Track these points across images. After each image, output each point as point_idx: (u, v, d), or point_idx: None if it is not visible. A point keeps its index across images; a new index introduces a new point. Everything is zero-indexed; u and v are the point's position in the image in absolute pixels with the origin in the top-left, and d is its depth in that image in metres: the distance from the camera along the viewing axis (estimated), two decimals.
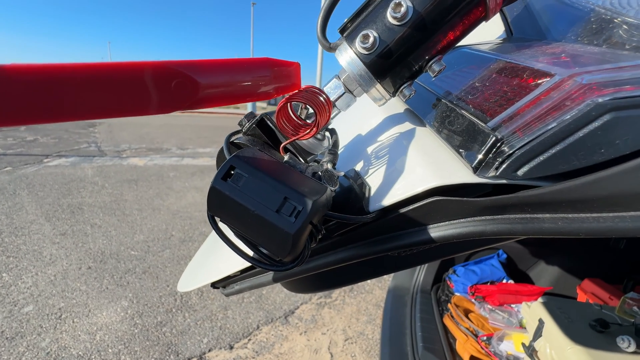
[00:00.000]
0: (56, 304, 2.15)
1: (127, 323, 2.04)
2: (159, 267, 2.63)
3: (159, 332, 1.99)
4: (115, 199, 3.98)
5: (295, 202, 0.27)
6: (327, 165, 0.37)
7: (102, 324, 2.02)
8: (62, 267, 2.53)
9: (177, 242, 3.04)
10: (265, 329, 2.10)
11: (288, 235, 0.26)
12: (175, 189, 4.47)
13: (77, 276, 2.45)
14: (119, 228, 3.23)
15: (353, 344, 2.02)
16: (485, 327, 1.23)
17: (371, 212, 0.38)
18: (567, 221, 0.25)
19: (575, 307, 0.92)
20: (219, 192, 0.28)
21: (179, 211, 3.72)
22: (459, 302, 1.38)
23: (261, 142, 0.40)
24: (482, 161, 0.29)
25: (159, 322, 2.07)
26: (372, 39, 0.33)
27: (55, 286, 2.32)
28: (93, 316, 2.08)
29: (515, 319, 1.25)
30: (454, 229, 0.34)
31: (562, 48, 0.33)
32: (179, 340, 1.94)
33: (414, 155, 0.38)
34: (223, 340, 1.98)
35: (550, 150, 0.25)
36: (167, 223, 3.40)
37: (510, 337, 1.09)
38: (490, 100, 0.32)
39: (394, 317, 1.38)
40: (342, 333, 2.11)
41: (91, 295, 2.26)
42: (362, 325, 2.18)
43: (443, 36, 0.33)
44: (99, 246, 2.87)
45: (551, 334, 0.84)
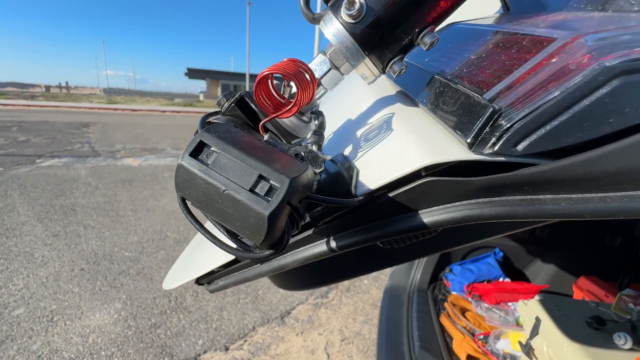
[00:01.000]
0: (48, 307, 2.11)
1: (121, 325, 2.01)
2: (153, 269, 2.60)
3: (153, 334, 1.96)
4: (109, 199, 3.93)
5: (271, 180, 0.24)
6: (312, 146, 0.34)
7: (95, 326, 1.98)
8: (54, 269, 2.49)
9: (172, 242, 3.01)
10: (261, 330, 2.08)
11: (262, 216, 0.23)
12: (170, 190, 4.43)
13: (70, 278, 2.41)
14: (113, 229, 3.19)
15: (350, 344, 2.01)
16: (482, 326, 1.23)
17: (359, 196, 0.35)
18: (571, 202, 0.23)
19: (571, 305, 0.92)
20: (187, 170, 0.25)
21: (173, 212, 3.68)
22: (456, 301, 1.37)
23: (241, 122, 0.37)
24: (478, 135, 0.27)
25: (153, 323, 2.04)
26: (358, 5, 0.31)
27: (47, 288, 2.28)
28: (86, 318, 2.04)
29: (512, 317, 1.24)
30: (449, 212, 0.32)
31: (564, 16, 0.31)
32: (173, 342, 1.92)
33: (405, 135, 0.36)
34: (218, 342, 1.96)
35: (553, 121, 0.23)
36: (161, 224, 3.37)
37: (507, 336, 1.08)
38: (486, 73, 0.30)
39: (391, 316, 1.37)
40: (339, 333, 2.10)
41: (84, 297, 2.22)
42: (359, 325, 2.17)
43: (435, 2, 0.31)
44: (92, 247, 2.83)
45: (548, 332, 0.84)
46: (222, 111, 0.38)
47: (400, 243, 0.39)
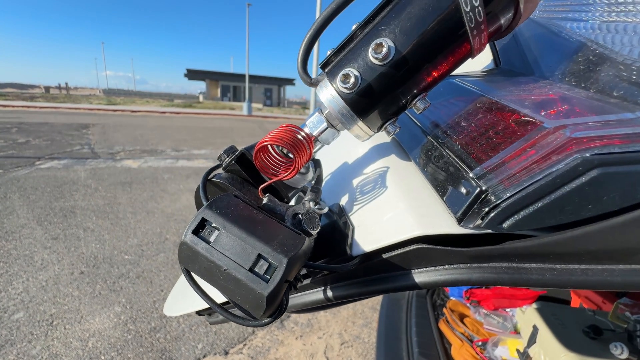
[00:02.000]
0: (47, 311, 2.12)
1: (120, 329, 2.01)
2: (153, 272, 2.60)
3: (153, 338, 1.97)
4: (108, 202, 3.94)
5: (270, 259, 0.26)
6: (309, 204, 0.36)
7: (95, 331, 1.99)
8: (54, 272, 2.49)
9: (172, 245, 3.01)
10: (261, 334, 2.08)
11: (261, 296, 0.25)
12: (170, 192, 4.44)
13: (69, 281, 2.41)
14: (113, 232, 3.19)
15: (349, 347, 2.02)
16: (481, 332, 1.23)
17: (354, 258, 0.37)
18: (555, 273, 0.25)
19: (568, 313, 0.92)
20: (190, 247, 0.27)
21: (173, 214, 3.69)
22: (454, 307, 1.38)
23: (240, 179, 0.39)
24: (466, 212, 0.29)
25: (152, 327, 2.04)
26: (354, 78, 0.32)
27: (46, 292, 2.28)
28: (85, 322, 2.05)
29: (510, 323, 1.25)
30: (439, 275, 0.34)
31: (550, 89, 0.32)
32: (173, 346, 1.92)
33: (398, 197, 0.37)
34: (218, 346, 1.96)
35: (537, 203, 0.24)
36: (161, 226, 3.37)
37: (505, 343, 1.09)
38: (475, 143, 0.31)
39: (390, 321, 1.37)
40: (339, 337, 2.10)
41: (83, 301, 2.23)
42: (358, 329, 2.18)
43: (427, 75, 0.32)
44: (91, 250, 2.83)
45: (545, 341, 0.85)
46: (222, 166, 0.39)
47: None
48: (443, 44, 0.30)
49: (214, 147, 8.01)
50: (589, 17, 0.34)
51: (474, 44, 0.30)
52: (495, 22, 0.30)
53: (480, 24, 0.28)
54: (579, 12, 0.35)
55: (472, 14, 0.27)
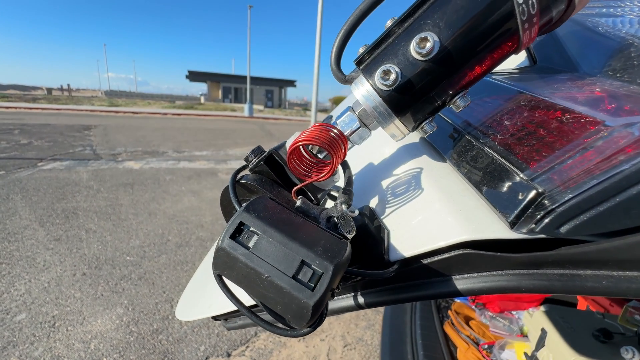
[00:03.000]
0: (50, 312, 2.11)
1: (123, 331, 2.00)
2: (155, 273, 2.59)
3: (155, 339, 1.96)
4: (110, 203, 3.94)
5: (314, 266, 0.24)
6: (342, 207, 0.34)
7: (97, 332, 1.98)
8: (56, 274, 2.49)
9: (174, 247, 3.01)
10: (264, 336, 2.07)
11: (307, 305, 0.23)
12: (172, 193, 4.44)
13: (72, 283, 2.41)
14: (115, 233, 3.19)
15: (352, 350, 2.01)
16: (487, 335, 1.22)
17: (392, 263, 0.35)
18: (613, 280, 0.23)
19: (577, 316, 0.91)
20: (228, 253, 0.25)
21: (175, 215, 3.68)
22: (460, 309, 1.37)
23: (270, 181, 0.38)
24: (520, 216, 0.26)
25: (155, 329, 2.03)
26: (394, 75, 0.30)
27: (48, 293, 2.28)
28: (87, 324, 2.04)
29: (516, 326, 1.24)
30: (484, 282, 0.32)
31: (601, 86, 0.30)
32: (175, 348, 1.91)
33: (438, 200, 0.35)
34: (220, 348, 1.95)
35: (599, 207, 0.22)
36: (163, 228, 3.36)
37: (512, 346, 1.08)
38: (523, 144, 0.29)
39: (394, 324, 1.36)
40: (341, 339, 2.09)
41: (86, 303, 2.22)
42: (361, 331, 2.17)
43: (470, 71, 0.31)
44: (93, 252, 2.83)
45: (554, 344, 0.83)
46: (250, 167, 0.38)
47: None
48: (490, 38, 0.28)
49: (215, 148, 8.02)
50: (625, 12, 0.33)
51: (523, 38, 0.28)
52: (547, 15, 0.29)
53: (532, 17, 0.26)
54: (614, 8, 0.34)
55: (525, 6, 0.26)
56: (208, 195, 4.44)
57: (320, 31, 8.92)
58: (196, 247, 3.03)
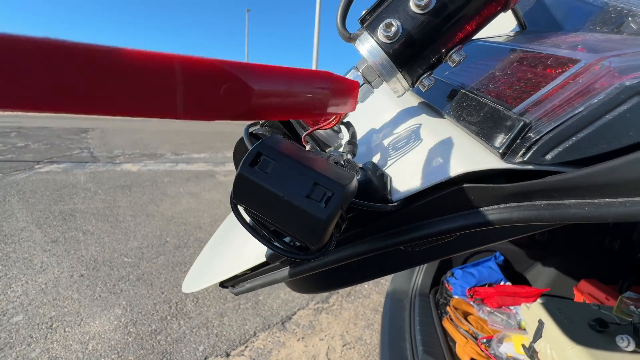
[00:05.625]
0: (47, 313, 2.10)
1: (121, 331, 1.99)
2: (153, 274, 2.59)
3: (154, 340, 1.95)
4: (108, 205, 3.92)
5: (325, 187, 0.26)
6: (347, 155, 0.37)
7: (95, 333, 1.97)
8: (54, 275, 2.48)
9: (172, 248, 3.00)
10: (262, 336, 2.07)
11: (319, 220, 0.26)
12: (170, 195, 4.43)
13: (69, 284, 2.39)
14: (112, 234, 3.17)
15: (351, 349, 2.00)
16: (485, 330, 1.23)
17: (395, 201, 0.37)
18: (594, 206, 0.25)
19: (574, 308, 0.93)
20: (247, 178, 0.27)
21: (173, 217, 3.67)
22: (458, 305, 1.38)
23: (280, 133, 0.40)
24: (510, 146, 0.29)
25: (153, 330, 2.03)
26: (395, 27, 0.33)
27: (46, 295, 2.26)
28: (85, 325, 2.03)
29: (514, 320, 1.25)
30: (480, 218, 0.34)
31: (582, 37, 0.34)
32: (174, 349, 1.90)
33: (435, 144, 0.38)
34: (219, 348, 1.95)
35: (579, 134, 0.25)
36: (161, 229, 3.36)
37: (510, 339, 1.09)
38: (513, 88, 0.32)
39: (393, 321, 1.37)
40: (340, 338, 2.09)
41: (83, 304, 2.21)
42: (360, 330, 2.17)
43: (465, 24, 0.33)
44: (91, 253, 2.82)
45: (551, 335, 0.85)
46: (260, 122, 0.40)
47: (421, 246, 0.41)
48: None
49: (213, 150, 8.01)
50: None
51: None
52: None
53: None
54: None
55: None
56: (206, 197, 4.43)
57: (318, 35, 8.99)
58: (195, 248, 3.02)
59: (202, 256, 0.78)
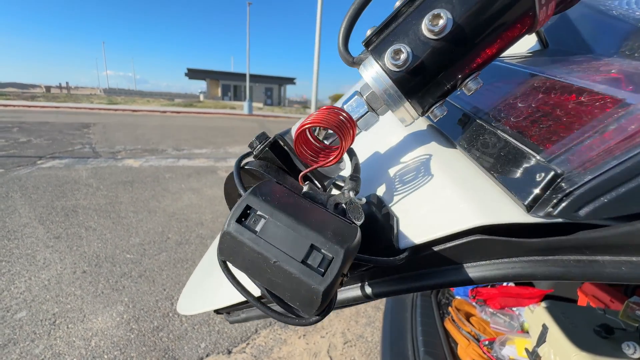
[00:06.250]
0: (50, 310, 2.11)
1: (123, 328, 2.00)
2: (155, 271, 2.59)
3: (156, 337, 1.96)
4: (110, 201, 3.93)
5: (324, 251, 0.23)
6: (350, 194, 0.33)
7: (98, 330, 1.98)
8: (56, 272, 2.49)
9: (174, 244, 3.01)
10: (264, 333, 2.07)
11: (317, 291, 0.22)
12: (171, 191, 4.43)
13: (72, 280, 2.41)
14: (114, 231, 3.18)
15: (352, 347, 2.01)
16: (487, 331, 1.22)
17: (402, 251, 0.33)
18: (632, 266, 0.22)
19: (578, 312, 0.91)
20: (234, 237, 0.24)
21: (175, 213, 3.68)
22: (460, 306, 1.37)
23: (275, 167, 0.37)
24: (537, 199, 0.25)
25: (155, 327, 2.04)
26: (405, 54, 0.29)
27: (49, 291, 2.28)
28: (88, 321, 2.04)
29: (517, 322, 1.24)
30: (499, 270, 0.30)
31: (619, 65, 0.30)
32: (176, 346, 1.91)
33: (448, 184, 0.34)
34: (221, 345, 1.96)
35: (620, 188, 0.22)
36: (163, 225, 3.36)
37: (513, 342, 1.08)
38: (539, 126, 0.28)
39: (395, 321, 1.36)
40: (342, 336, 2.09)
41: (86, 300, 2.22)
42: (361, 328, 2.17)
43: (483, 50, 0.29)
44: (93, 249, 2.83)
45: (556, 340, 0.83)
46: (254, 154, 0.37)
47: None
48: (506, 15, 0.27)
49: (214, 146, 8.00)
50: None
51: (539, 15, 0.27)
52: None
53: None
54: None
55: None
56: (208, 193, 4.43)
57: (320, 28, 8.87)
58: (196, 245, 3.03)
59: (197, 274, 0.76)
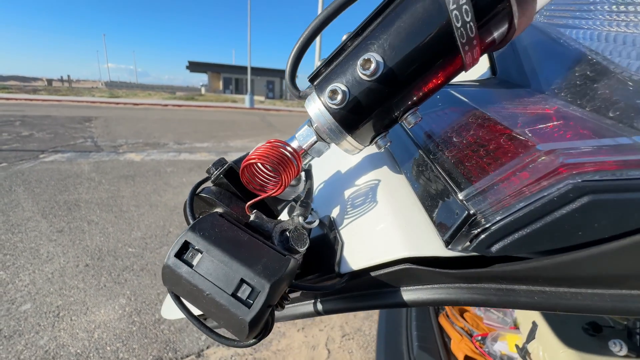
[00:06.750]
0: (54, 302, 2.16)
1: (125, 321, 2.05)
2: (157, 265, 2.63)
3: (157, 329, 2.00)
4: (112, 195, 3.97)
5: (252, 284, 0.26)
6: (299, 219, 0.35)
7: (100, 322, 2.03)
8: (60, 265, 2.53)
9: (175, 238, 3.03)
10: None
11: (244, 322, 0.25)
12: (173, 185, 4.46)
13: (75, 274, 2.45)
14: (116, 225, 3.22)
15: (350, 340, 2.04)
16: (480, 327, 1.24)
17: (342, 275, 0.37)
18: (544, 296, 0.25)
19: None
20: (173, 270, 0.27)
21: (176, 207, 3.71)
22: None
23: (229, 193, 0.38)
24: (454, 236, 0.28)
25: (157, 319, 2.08)
26: (341, 95, 0.31)
27: (52, 284, 2.32)
28: (91, 314, 2.09)
29: (510, 318, 1.26)
30: (428, 295, 0.34)
31: (545, 105, 0.32)
32: (177, 338, 1.95)
33: (387, 215, 0.37)
34: None
35: (526, 228, 0.24)
36: (164, 219, 3.40)
37: (505, 338, 1.10)
38: (466, 162, 0.31)
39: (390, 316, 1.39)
40: (340, 329, 2.13)
41: (89, 293, 2.26)
42: (359, 322, 2.20)
43: (417, 89, 0.31)
44: (96, 243, 2.87)
45: (544, 337, 0.85)
46: (211, 179, 0.39)
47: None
48: (434, 59, 0.29)
49: (216, 140, 8.01)
50: (589, 24, 0.33)
51: (466, 59, 0.29)
52: (488, 37, 0.29)
53: (472, 40, 0.27)
54: (580, 20, 0.34)
55: (464, 29, 0.26)
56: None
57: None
58: None
59: None
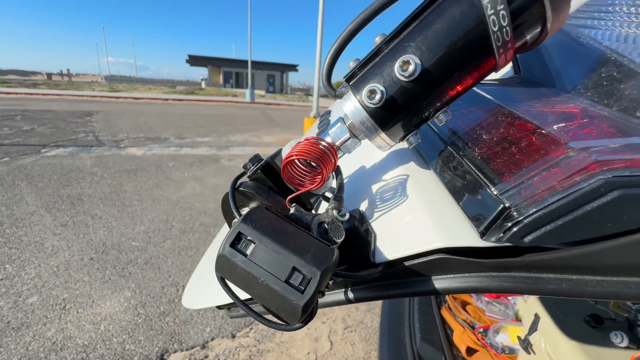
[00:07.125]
0: (60, 295, 2.18)
1: (131, 313, 2.08)
2: (160, 258, 2.66)
3: (162, 321, 2.03)
4: (114, 189, 3.98)
5: (304, 272, 0.28)
6: (333, 212, 0.37)
7: (106, 314, 2.05)
8: (65, 258, 2.56)
9: (178, 232, 3.06)
10: None
11: (298, 306, 0.27)
12: (175, 179, 4.47)
13: (80, 267, 2.48)
14: (120, 219, 3.24)
15: (352, 332, 2.07)
16: (482, 319, 1.26)
17: (378, 265, 0.38)
18: (571, 284, 0.26)
19: (570, 302, 0.94)
20: (228, 259, 0.29)
21: (179, 201, 3.73)
22: (457, 294, 1.40)
23: (266, 188, 0.40)
24: (489, 227, 0.30)
25: (162, 312, 2.11)
26: (379, 94, 0.33)
27: (58, 277, 2.35)
28: (97, 306, 2.11)
29: (512, 311, 1.27)
30: (459, 283, 0.36)
31: (571, 105, 0.32)
32: (182, 330, 1.98)
33: (420, 207, 0.38)
34: (225, 330, 2.03)
35: (558, 221, 0.25)
36: (167, 213, 3.42)
37: (506, 330, 1.11)
38: (498, 158, 0.32)
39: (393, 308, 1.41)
40: (342, 322, 2.16)
41: (94, 286, 2.29)
42: (361, 314, 2.23)
43: (451, 89, 0.33)
44: (100, 237, 2.89)
45: (546, 329, 0.86)
46: (248, 175, 0.41)
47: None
48: (468, 61, 0.31)
49: (217, 134, 8.00)
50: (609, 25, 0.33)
51: (499, 61, 0.30)
52: (522, 39, 0.31)
53: (507, 43, 0.28)
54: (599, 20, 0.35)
55: (500, 34, 0.28)
56: (211, 182, 4.47)
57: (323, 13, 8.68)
58: (200, 233, 3.08)
59: (200, 269, 0.80)
